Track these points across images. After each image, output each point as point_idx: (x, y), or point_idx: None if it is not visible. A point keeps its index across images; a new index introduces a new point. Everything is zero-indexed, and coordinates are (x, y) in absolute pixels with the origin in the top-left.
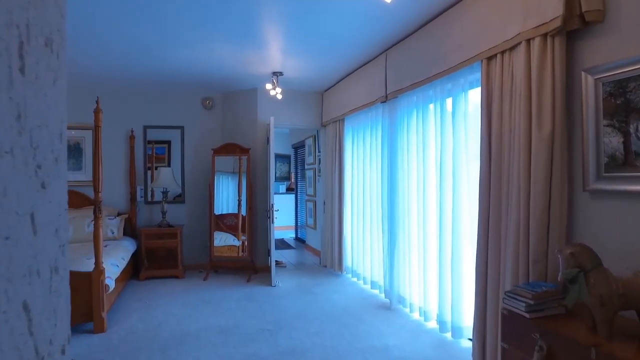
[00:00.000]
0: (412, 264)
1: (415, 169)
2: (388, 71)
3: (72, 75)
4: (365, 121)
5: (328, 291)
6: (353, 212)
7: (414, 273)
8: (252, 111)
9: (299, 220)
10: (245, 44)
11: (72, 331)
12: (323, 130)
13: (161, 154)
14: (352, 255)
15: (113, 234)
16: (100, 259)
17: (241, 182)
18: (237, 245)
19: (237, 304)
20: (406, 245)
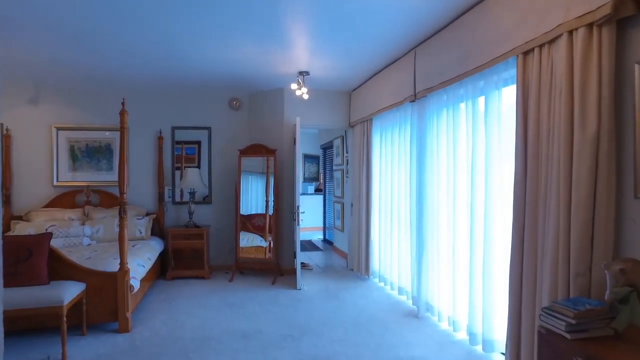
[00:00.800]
0: (441, 270)
1: (445, 171)
2: (417, 69)
3: (102, 78)
4: (394, 121)
5: (354, 296)
6: (380, 214)
7: (443, 280)
8: (278, 111)
9: (326, 222)
10: (271, 43)
11: (99, 330)
12: (351, 131)
13: (191, 154)
14: (380, 259)
15: (141, 234)
16: (125, 259)
17: (269, 182)
18: (264, 246)
19: (260, 308)
20: (435, 251)
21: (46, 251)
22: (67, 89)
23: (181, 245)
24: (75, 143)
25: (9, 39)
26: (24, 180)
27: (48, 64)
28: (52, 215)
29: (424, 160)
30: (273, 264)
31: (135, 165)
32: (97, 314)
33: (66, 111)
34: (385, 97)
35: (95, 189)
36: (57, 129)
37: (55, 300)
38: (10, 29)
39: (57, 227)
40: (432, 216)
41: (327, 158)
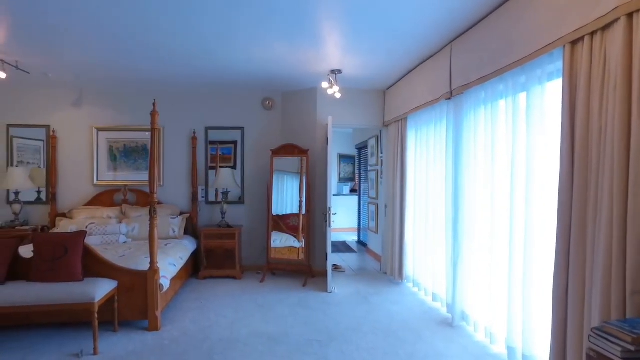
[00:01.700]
0: (478, 277)
1: (483, 173)
2: (453, 65)
3: (138, 80)
4: (429, 120)
5: (386, 301)
6: (415, 217)
7: (480, 288)
8: (311, 111)
9: (361, 223)
10: (301, 41)
11: (130, 327)
12: (385, 131)
13: (227, 154)
14: (414, 263)
15: (174, 233)
16: (155, 259)
17: (302, 182)
18: (297, 247)
19: (289, 310)
20: (471, 256)
21: (81, 249)
22: (106, 92)
23: (213, 244)
24: (114, 144)
25: (56, 46)
26: (67, 179)
27: (89, 68)
28: (92, 213)
29: (460, 161)
30: (304, 265)
31: (170, 165)
32: (128, 312)
33: (105, 113)
34: (420, 95)
35: (132, 188)
36: (97, 130)
37: (87, 297)
38: (57, 36)
39: (96, 225)
40: (469, 220)
41: (362, 158)
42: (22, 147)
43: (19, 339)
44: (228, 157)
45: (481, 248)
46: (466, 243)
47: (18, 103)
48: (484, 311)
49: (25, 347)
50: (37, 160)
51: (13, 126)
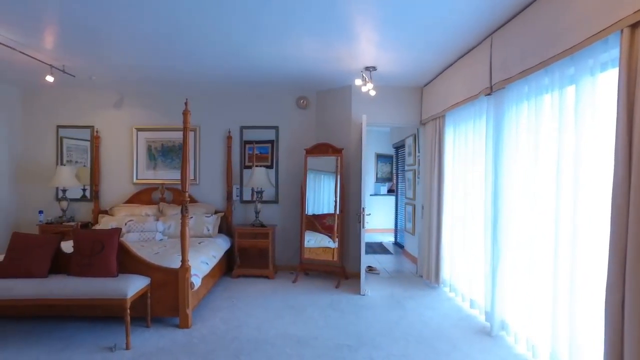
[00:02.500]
0: (520, 284)
1: (526, 173)
2: (493, 58)
3: (174, 81)
4: (467, 118)
5: (421, 306)
6: (453, 218)
7: (522, 296)
8: (346, 109)
9: (398, 224)
10: (334, 38)
11: (162, 323)
12: (422, 129)
13: (264, 153)
14: (451, 267)
15: (208, 232)
16: (186, 257)
17: (337, 182)
18: (332, 248)
19: (320, 312)
20: (513, 262)
21: (116, 245)
22: (145, 93)
23: (247, 244)
24: (152, 143)
25: (98, 50)
26: (109, 178)
27: (129, 71)
28: (131, 211)
29: (501, 160)
30: (338, 266)
31: (205, 164)
32: (160, 308)
33: (144, 113)
34: (458, 91)
35: (169, 187)
36: (137, 130)
37: (120, 293)
38: (99, 41)
39: (135, 222)
40: (509, 223)
41: (400, 158)
42: (71, 147)
43: (62, 329)
44: (265, 156)
45: (523, 253)
46: (506, 247)
47: (66, 105)
48: (526, 321)
49: (66, 337)
50: (84, 159)
51: (62, 127)
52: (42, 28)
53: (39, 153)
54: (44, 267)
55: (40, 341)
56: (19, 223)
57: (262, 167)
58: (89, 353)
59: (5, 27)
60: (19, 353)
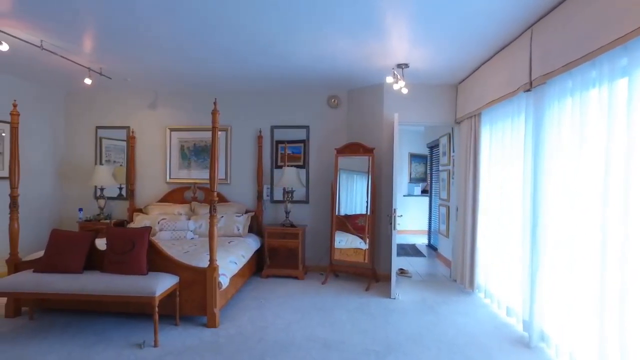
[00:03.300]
0: (561, 292)
1: (569, 174)
2: (534, 52)
3: (205, 81)
4: (505, 116)
5: (454, 312)
6: (488, 221)
7: (564, 305)
8: (377, 108)
9: (432, 226)
10: (365, 35)
11: (190, 322)
12: (457, 128)
13: (297, 153)
14: (486, 272)
15: (238, 231)
16: (214, 256)
17: (368, 182)
18: (363, 249)
19: (348, 315)
20: (554, 267)
21: (146, 244)
22: (177, 93)
23: (277, 243)
24: (185, 143)
25: (133, 53)
26: (144, 177)
27: (162, 71)
28: (164, 210)
29: (541, 160)
30: (368, 268)
31: (237, 164)
32: (189, 307)
33: (177, 113)
34: (495, 88)
35: (201, 186)
36: (170, 130)
37: (148, 291)
38: (133, 43)
39: (167, 221)
40: (550, 226)
41: (434, 158)
42: (110, 147)
43: (96, 324)
44: (297, 156)
45: (564, 259)
46: (547, 252)
47: (104, 106)
48: (569, 333)
49: (98, 332)
50: (121, 159)
51: (100, 128)
52: (81, 33)
53: (80, 153)
54: (79, 263)
55: (76, 334)
56: (62, 220)
57: (293, 167)
58: (119, 348)
59: (49, 34)
60: (56, 344)
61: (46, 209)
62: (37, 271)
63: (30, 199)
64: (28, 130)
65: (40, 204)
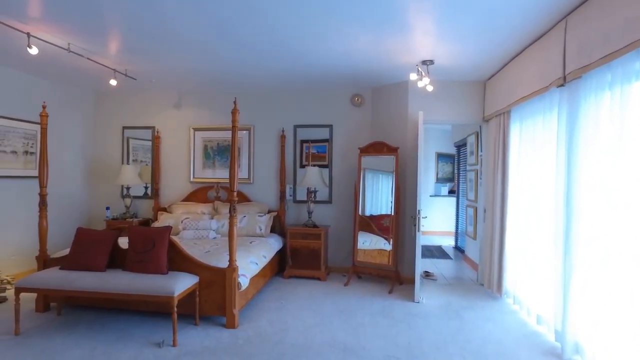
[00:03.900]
0: (599, 300)
1: (607, 174)
2: (568, 44)
3: (228, 81)
4: (536, 113)
5: (480, 318)
6: (518, 223)
7: (602, 314)
8: (402, 106)
9: (459, 227)
10: (385, 30)
11: (210, 322)
12: (485, 126)
13: (322, 152)
14: (515, 277)
15: (260, 231)
16: (234, 257)
17: (393, 182)
18: (387, 250)
19: (370, 319)
20: (590, 274)
21: (166, 243)
22: (201, 93)
23: (299, 244)
24: (208, 142)
25: (156, 54)
26: (168, 176)
27: (185, 72)
28: (188, 209)
29: (575, 159)
30: (391, 270)
31: (260, 164)
32: (208, 307)
33: (201, 113)
34: (526, 84)
35: (224, 186)
36: (194, 130)
37: (167, 290)
38: (157, 45)
39: (190, 220)
40: (585, 230)
41: (461, 157)
42: (136, 147)
43: (119, 321)
44: (322, 155)
45: (602, 265)
46: (582, 258)
47: (130, 106)
48: (608, 346)
49: (121, 329)
50: (147, 158)
51: (127, 128)
52: (106, 36)
53: (108, 153)
54: (102, 261)
55: (100, 331)
56: (91, 218)
57: (316, 166)
58: (140, 346)
59: (76, 37)
60: (81, 339)
61: (76, 207)
62: (63, 268)
63: (61, 197)
64: (60, 131)
65: (71, 202)
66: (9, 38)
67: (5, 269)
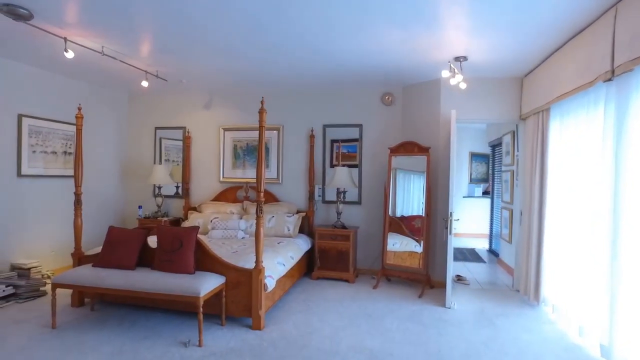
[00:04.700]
0: None
1: None
2: (618, 34)
3: (257, 81)
4: (578, 110)
5: (515, 327)
6: (557, 228)
7: None
8: (434, 105)
9: (493, 230)
10: (416, 26)
11: (236, 323)
12: (522, 125)
13: (352, 152)
14: (554, 284)
15: (289, 231)
16: (260, 258)
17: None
18: (418, 252)
19: (399, 325)
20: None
21: (193, 243)
22: (230, 93)
23: (327, 245)
24: (238, 142)
25: (186, 55)
26: (198, 176)
27: (214, 73)
28: (218, 208)
29: (623, 160)
30: (422, 274)
31: (289, 164)
32: (235, 308)
33: (231, 113)
34: (567, 79)
35: (253, 185)
36: (223, 130)
37: (193, 291)
38: (185, 45)
39: (219, 220)
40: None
41: (496, 157)
42: (169, 147)
43: (148, 319)
44: (352, 155)
45: None
46: (631, 265)
47: (162, 107)
48: None
49: (149, 327)
50: (180, 158)
51: (159, 128)
52: (138, 38)
53: (141, 152)
54: (132, 260)
55: (130, 328)
56: (125, 216)
57: (345, 166)
58: (166, 345)
59: (109, 40)
60: (112, 335)
61: (111, 205)
62: (95, 266)
63: (98, 195)
64: (96, 131)
65: (106, 201)
66: (48, 44)
67: (46, 264)
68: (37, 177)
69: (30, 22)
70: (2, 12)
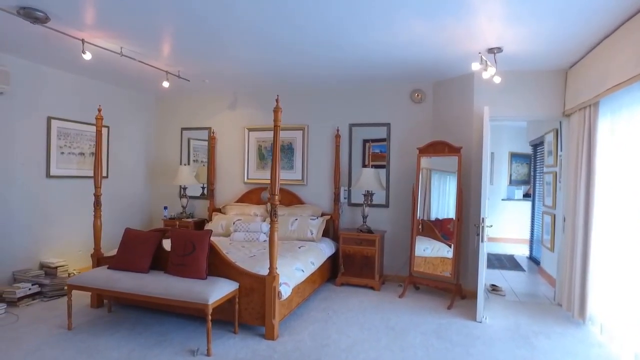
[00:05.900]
0: None
1: None
2: None
3: (281, 81)
4: (632, 104)
5: (557, 349)
6: (607, 237)
7: None
8: (467, 101)
9: (534, 235)
10: (445, 16)
11: (249, 331)
12: (566, 122)
13: (383, 152)
14: (603, 300)
15: (312, 235)
16: (274, 264)
17: None
18: (450, 259)
19: (422, 340)
20: None
21: (206, 247)
22: (254, 93)
23: (352, 250)
24: (262, 143)
25: (208, 55)
26: (223, 177)
27: (236, 72)
28: (241, 210)
29: None
30: (452, 283)
31: (314, 165)
32: (248, 315)
33: (255, 113)
34: (618, 69)
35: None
36: (248, 130)
37: (202, 297)
38: (208, 46)
39: (242, 222)
40: None
41: (538, 158)
42: (197, 148)
43: (161, 323)
44: (382, 155)
45: None
46: None
47: (187, 108)
48: None
49: (162, 332)
50: (206, 159)
51: (185, 129)
52: (156, 38)
53: (167, 153)
54: (145, 262)
55: (142, 332)
56: (151, 217)
57: (372, 167)
58: (175, 353)
59: (127, 40)
60: (123, 340)
61: (138, 205)
62: (110, 268)
63: (125, 196)
64: (125, 133)
65: (134, 201)
66: (68, 47)
67: (72, 263)
68: (65, 177)
69: (47, 24)
70: (20, 16)
